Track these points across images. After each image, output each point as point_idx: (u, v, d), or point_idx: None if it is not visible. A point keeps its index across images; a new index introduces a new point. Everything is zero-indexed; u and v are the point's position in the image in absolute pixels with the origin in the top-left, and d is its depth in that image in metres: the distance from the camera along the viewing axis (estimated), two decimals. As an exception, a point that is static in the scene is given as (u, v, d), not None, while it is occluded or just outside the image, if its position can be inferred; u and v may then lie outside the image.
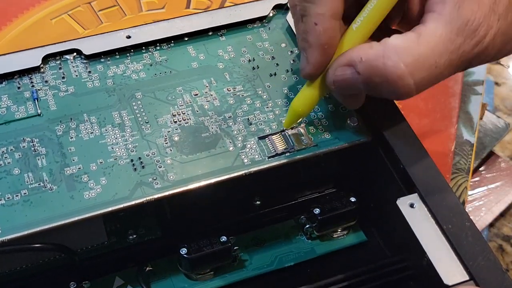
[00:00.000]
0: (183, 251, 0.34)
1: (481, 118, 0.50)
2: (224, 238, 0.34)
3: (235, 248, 0.35)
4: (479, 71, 0.53)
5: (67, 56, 0.38)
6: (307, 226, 0.37)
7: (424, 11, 0.32)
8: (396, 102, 0.36)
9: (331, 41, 0.32)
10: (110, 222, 0.35)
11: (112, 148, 0.34)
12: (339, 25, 0.32)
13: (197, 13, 0.40)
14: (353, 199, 0.37)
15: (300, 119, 0.35)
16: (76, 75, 0.37)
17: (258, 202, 0.37)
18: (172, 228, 0.36)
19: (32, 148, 0.34)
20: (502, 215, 0.47)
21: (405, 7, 0.34)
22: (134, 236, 0.35)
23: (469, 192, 0.46)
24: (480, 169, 0.49)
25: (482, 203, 0.47)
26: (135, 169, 0.33)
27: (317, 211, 0.36)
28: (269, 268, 0.36)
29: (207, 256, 0.34)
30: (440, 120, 0.46)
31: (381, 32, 0.33)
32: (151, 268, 0.35)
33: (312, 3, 0.31)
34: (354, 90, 0.33)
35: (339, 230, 0.38)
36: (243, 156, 0.34)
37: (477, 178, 0.48)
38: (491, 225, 0.47)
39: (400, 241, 0.35)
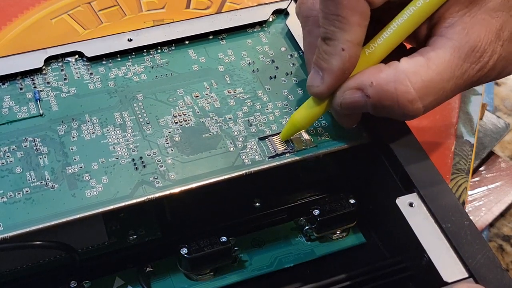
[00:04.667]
0: (184, 251, 0.34)
1: (481, 118, 0.50)
2: (224, 239, 0.35)
3: (235, 248, 0.35)
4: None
5: (69, 58, 0.38)
6: (306, 227, 0.37)
7: (431, 33, 0.33)
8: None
9: (352, 67, 0.32)
10: (110, 222, 0.35)
11: (114, 148, 0.34)
12: (360, 51, 0.33)
13: (198, 16, 0.40)
14: (352, 201, 0.37)
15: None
16: (78, 77, 0.37)
17: (258, 204, 0.37)
18: (172, 228, 0.36)
19: (34, 148, 0.34)
20: (502, 215, 0.47)
21: None
22: (135, 236, 0.35)
23: (469, 192, 0.46)
24: (480, 169, 0.49)
25: (482, 203, 0.47)
26: (136, 168, 0.33)
27: (316, 212, 0.36)
28: (268, 269, 0.36)
29: (207, 256, 0.34)
30: (440, 121, 0.46)
31: None
32: (151, 269, 0.35)
33: (342, 30, 0.32)
34: (360, 111, 0.33)
35: (338, 232, 0.38)
36: (243, 157, 0.34)
37: (477, 178, 0.48)
38: (491, 225, 0.47)
39: (399, 242, 0.35)
